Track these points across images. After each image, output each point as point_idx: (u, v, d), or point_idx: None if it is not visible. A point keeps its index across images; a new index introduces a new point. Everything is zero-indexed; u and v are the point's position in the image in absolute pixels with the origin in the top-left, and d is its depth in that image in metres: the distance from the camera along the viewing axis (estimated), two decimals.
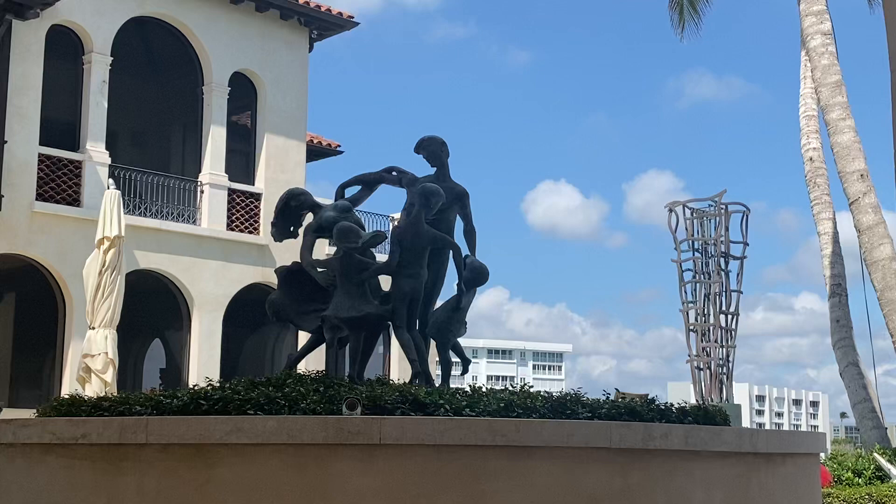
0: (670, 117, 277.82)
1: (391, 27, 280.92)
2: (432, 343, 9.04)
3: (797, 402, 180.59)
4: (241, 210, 22.85)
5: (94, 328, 15.28)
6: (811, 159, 22.43)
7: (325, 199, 10.93)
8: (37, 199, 19.73)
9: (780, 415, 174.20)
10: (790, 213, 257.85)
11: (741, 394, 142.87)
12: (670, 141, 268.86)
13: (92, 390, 14.55)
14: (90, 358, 15.12)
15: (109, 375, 15.08)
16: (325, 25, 24.47)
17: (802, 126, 22.75)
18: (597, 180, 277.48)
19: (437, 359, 9.06)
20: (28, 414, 8.28)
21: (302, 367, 9.03)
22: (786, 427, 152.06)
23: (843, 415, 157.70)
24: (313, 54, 24.57)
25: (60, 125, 20.71)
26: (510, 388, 7.79)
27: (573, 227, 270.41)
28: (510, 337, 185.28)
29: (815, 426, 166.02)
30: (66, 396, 7.85)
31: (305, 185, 23.00)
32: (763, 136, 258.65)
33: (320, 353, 9.13)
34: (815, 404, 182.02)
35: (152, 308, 22.24)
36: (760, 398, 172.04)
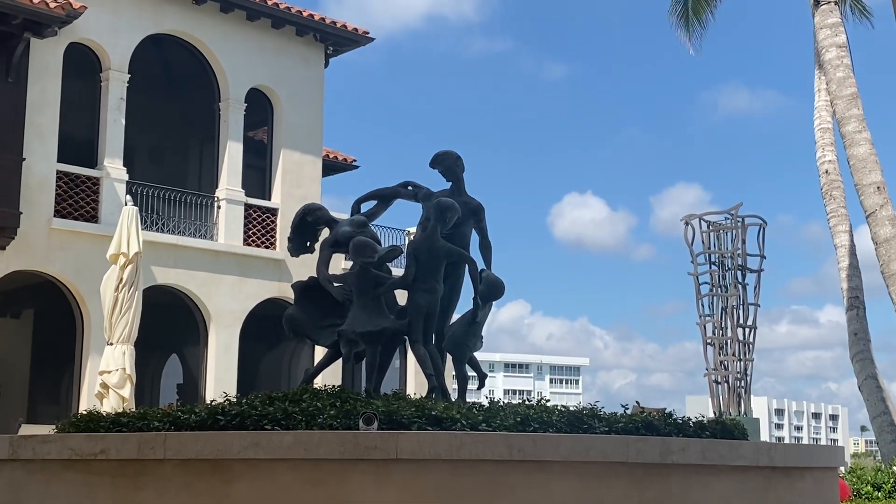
0: (703, 130, 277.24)
1: (431, 41, 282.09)
2: (448, 357, 9.06)
3: (816, 416, 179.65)
4: (258, 225, 22.93)
5: (111, 344, 15.35)
6: (827, 172, 22.36)
7: (341, 213, 10.97)
8: (55, 216, 19.84)
9: (799, 428, 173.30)
10: (817, 225, 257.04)
11: (759, 407, 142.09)
12: (701, 154, 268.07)
13: (110, 406, 14.61)
14: (108, 374, 15.19)
15: (127, 391, 15.14)
16: (341, 41, 24.56)
17: (817, 139, 22.69)
18: (625, 193, 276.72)
19: (454, 373, 9.06)
20: (47, 430, 8.33)
21: (318, 382, 9.06)
22: (805, 441, 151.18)
23: (863, 428, 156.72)
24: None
25: (78, 142, 20.83)
26: (527, 403, 7.79)
27: (599, 239, 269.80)
28: (531, 351, 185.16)
29: (834, 440, 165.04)
30: (85, 412, 7.89)
31: (321, 200, 23.07)
32: (792, 148, 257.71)
33: (336, 367, 9.16)
34: (834, 418, 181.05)
35: (169, 324, 22.31)
36: (779, 412, 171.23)
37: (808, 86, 22.75)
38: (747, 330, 23.83)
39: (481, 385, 9.17)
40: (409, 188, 9.34)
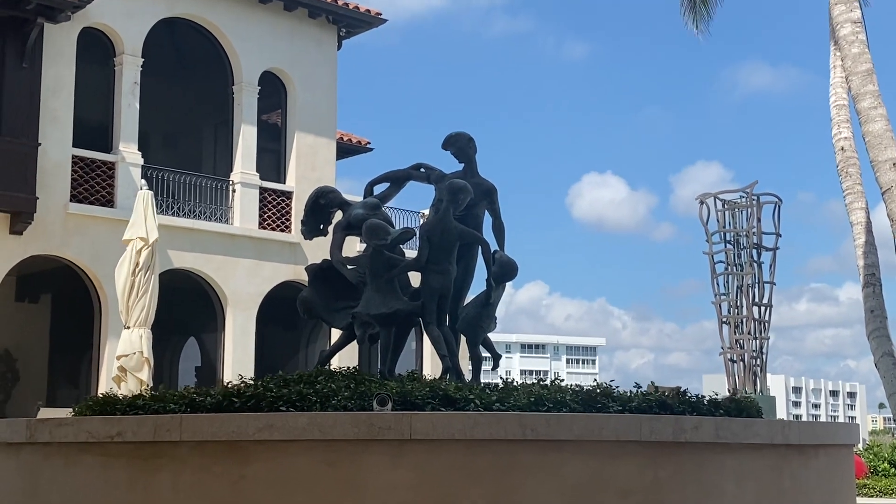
0: (723, 108, 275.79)
1: (454, 22, 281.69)
2: (462, 338, 9.08)
3: (834, 394, 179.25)
4: (273, 208, 22.97)
5: (128, 328, 15.44)
6: (842, 149, 22.23)
7: (355, 196, 10.99)
8: (71, 201, 19.91)
9: (816, 406, 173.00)
10: (837, 203, 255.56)
11: (777, 386, 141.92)
12: (721, 132, 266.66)
13: (128, 389, 14.68)
14: (125, 357, 15.28)
15: (145, 374, 15.24)
16: (353, 23, 24.53)
17: (833, 116, 22.53)
18: (645, 172, 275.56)
19: (468, 354, 9.09)
20: (65, 413, 8.40)
21: (335, 364, 9.10)
22: (822, 419, 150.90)
23: (881, 406, 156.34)
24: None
25: (93, 127, 20.88)
26: (541, 383, 7.82)
27: (619, 219, 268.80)
28: (550, 332, 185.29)
29: (852, 417, 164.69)
30: (102, 395, 7.95)
31: (336, 183, 23.09)
32: (813, 124, 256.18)
33: (354, 348, 9.20)
34: (852, 395, 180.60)
35: (187, 307, 22.41)
36: (797, 390, 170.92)
37: (827, 62, 22.58)
38: (763, 308, 23.81)
39: (495, 366, 9.21)
40: (422, 170, 9.37)
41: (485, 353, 9.12)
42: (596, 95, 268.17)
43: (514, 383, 7.95)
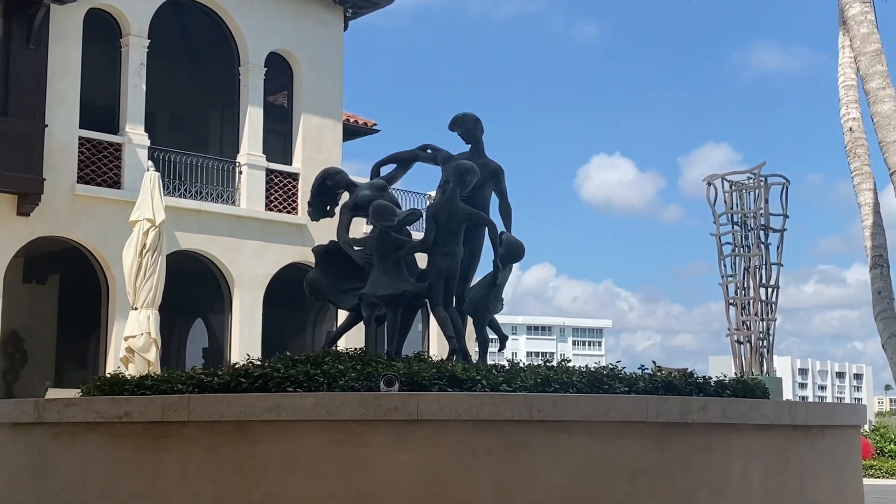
0: (733, 90, 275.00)
1: (464, 2, 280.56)
2: (469, 320, 9.08)
3: (840, 375, 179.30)
4: (279, 190, 22.97)
5: (136, 309, 15.47)
6: (851, 129, 22.14)
7: (361, 177, 10.98)
8: (78, 182, 19.94)
9: (823, 388, 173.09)
10: (846, 184, 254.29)
11: (783, 367, 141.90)
12: (731, 113, 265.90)
13: (136, 370, 14.73)
14: (133, 338, 15.32)
15: (152, 355, 15.28)
16: (360, 3, 24.45)
17: (841, 96, 22.43)
18: (653, 154, 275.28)
19: (475, 336, 9.09)
20: (73, 394, 8.43)
21: (342, 345, 9.11)
22: (829, 400, 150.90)
23: (887, 387, 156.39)
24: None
25: (100, 108, 20.88)
26: (547, 364, 7.82)
27: (627, 201, 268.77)
28: (556, 314, 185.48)
29: (858, 399, 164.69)
30: (109, 376, 7.97)
31: (342, 165, 23.08)
32: (823, 106, 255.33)
33: (360, 329, 9.21)
34: (858, 377, 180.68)
35: (194, 288, 22.43)
36: (803, 371, 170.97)
37: (837, 42, 22.48)
38: (770, 290, 23.78)
39: (502, 347, 9.21)
40: (429, 151, 9.35)
41: (491, 335, 9.12)
42: (605, 76, 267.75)
43: (521, 364, 7.96)
